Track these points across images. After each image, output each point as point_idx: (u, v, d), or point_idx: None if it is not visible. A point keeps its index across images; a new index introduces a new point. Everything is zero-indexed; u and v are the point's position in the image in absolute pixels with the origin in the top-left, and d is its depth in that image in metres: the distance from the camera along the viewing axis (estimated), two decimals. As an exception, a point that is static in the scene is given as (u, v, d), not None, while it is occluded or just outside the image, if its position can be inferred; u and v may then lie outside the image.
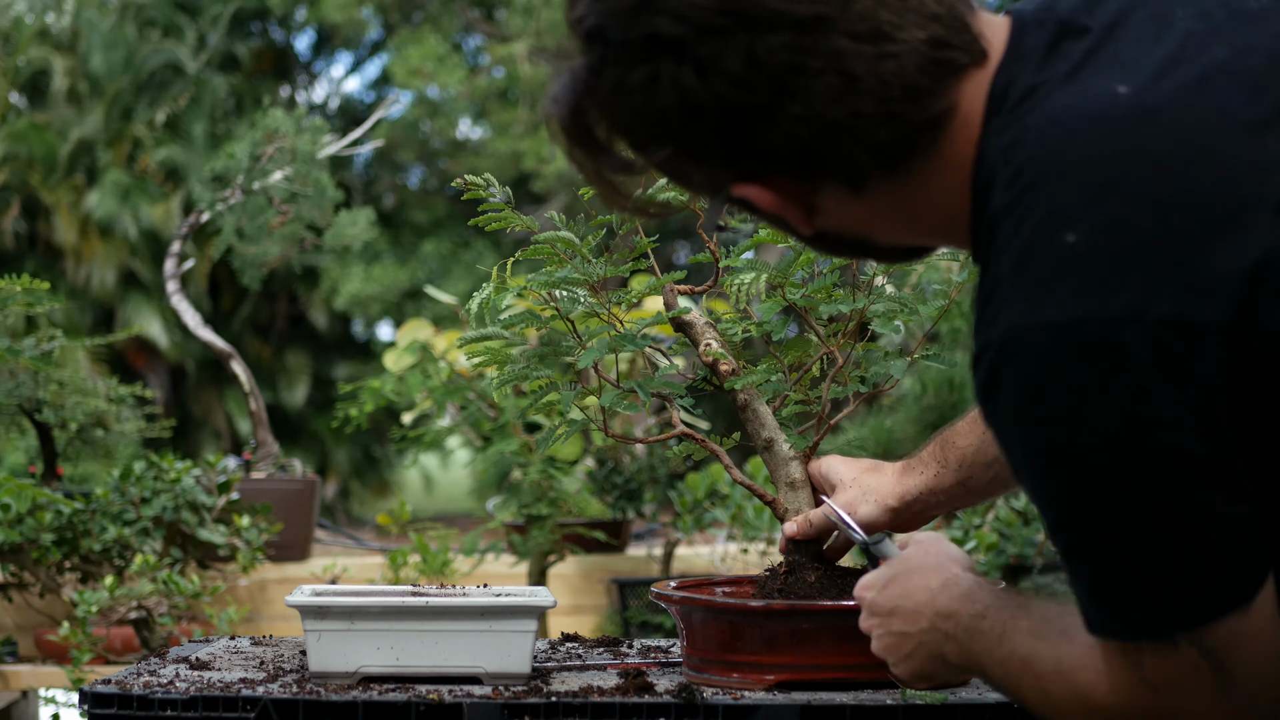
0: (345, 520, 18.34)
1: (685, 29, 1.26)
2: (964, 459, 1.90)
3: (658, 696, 1.79)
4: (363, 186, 20.27)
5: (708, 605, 1.90)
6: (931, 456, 1.91)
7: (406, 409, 5.55)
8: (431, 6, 19.55)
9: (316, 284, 18.80)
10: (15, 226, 18.52)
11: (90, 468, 7.46)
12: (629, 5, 1.28)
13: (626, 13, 1.28)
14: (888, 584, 1.61)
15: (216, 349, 5.27)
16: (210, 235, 6.28)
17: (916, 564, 1.60)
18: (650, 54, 1.28)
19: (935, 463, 1.91)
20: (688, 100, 1.28)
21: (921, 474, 1.92)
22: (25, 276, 3.71)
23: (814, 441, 1.98)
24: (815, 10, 1.26)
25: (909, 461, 1.94)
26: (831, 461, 1.98)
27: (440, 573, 4.87)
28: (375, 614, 1.90)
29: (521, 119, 18.06)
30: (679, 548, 5.54)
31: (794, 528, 1.95)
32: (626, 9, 1.28)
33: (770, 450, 1.98)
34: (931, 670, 1.57)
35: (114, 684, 1.84)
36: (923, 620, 1.55)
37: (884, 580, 1.62)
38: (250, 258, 5.28)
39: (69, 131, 18.33)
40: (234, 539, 4.66)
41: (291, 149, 5.28)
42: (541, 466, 4.94)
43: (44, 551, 4.40)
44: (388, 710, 1.77)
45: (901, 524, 1.94)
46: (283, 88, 21.59)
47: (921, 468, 1.92)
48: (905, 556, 1.64)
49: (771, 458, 1.98)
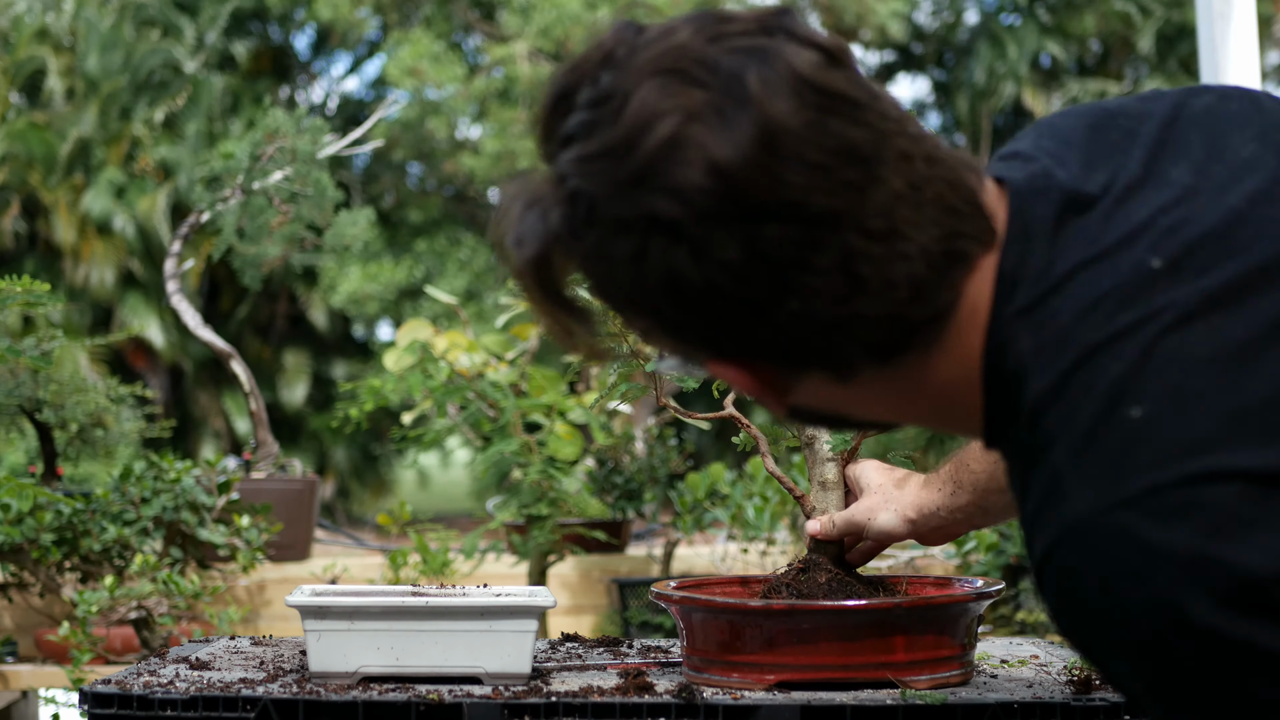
0: (344, 520, 18.34)
1: (685, 212, 1.13)
2: (977, 484, 1.87)
3: (658, 696, 1.79)
4: (362, 186, 20.26)
5: (708, 605, 1.90)
6: (948, 476, 1.90)
7: (405, 409, 5.55)
8: (428, 6, 19.55)
9: (316, 284, 18.80)
10: (15, 226, 18.51)
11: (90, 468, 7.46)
12: (624, 179, 1.14)
13: (620, 187, 1.14)
14: None
15: (216, 349, 5.27)
16: (209, 235, 6.28)
17: None
18: (641, 230, 1.14)
19: (950, 483, 1.89)
20: (676, 282, 1.15)
21: (939, 490, 1.90)
22: (25, 277, 3.71)
23: (853, 445, 1.99)
24: (831, 205, 1.13)
25: (930, 476, 1.94)
26: (866, 467, 1.98)
27: (440, 573, 4.86)
28: (375, 614, 1.90)
29: (520, 118, 18.06)
30: (679, 548, 5.54)
31: (816, 526, 1.96)
32: (621, 183, 1.14)
33: (810, 448, 2.00)
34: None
35: (114, 684, 1.84)
36: None
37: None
38: (250, 258, 5.28)
39: (68, 131, 18.34)
40: (234, 539, 4.66)
41: (291, 149, 5.28)
42: (541, 466, 4.93)
43: (44, 551, 4.40)
44: (388, 710, 1.77)
45: (920, 536, 1.93)
46: (281, 88, 21.59)
47: (939, 484, 1.91)
48: None
49: (810, 455, 2.00)
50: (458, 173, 19.23)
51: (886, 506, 1.92)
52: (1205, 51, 5.55)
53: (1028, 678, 1.93)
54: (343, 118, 20.73)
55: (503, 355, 5.49)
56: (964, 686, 1.86)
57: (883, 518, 1.92)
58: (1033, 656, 2.09)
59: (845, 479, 2.00)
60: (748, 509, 5.29)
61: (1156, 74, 22.32)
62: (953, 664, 1.86)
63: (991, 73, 22.32)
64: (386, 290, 18.00)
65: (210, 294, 19.28)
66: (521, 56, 18.14)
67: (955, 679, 1.86)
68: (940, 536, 1.94)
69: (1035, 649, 2.16)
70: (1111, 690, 1.20)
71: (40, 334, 4.66)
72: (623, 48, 1.18)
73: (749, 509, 5.29)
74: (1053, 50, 22.48)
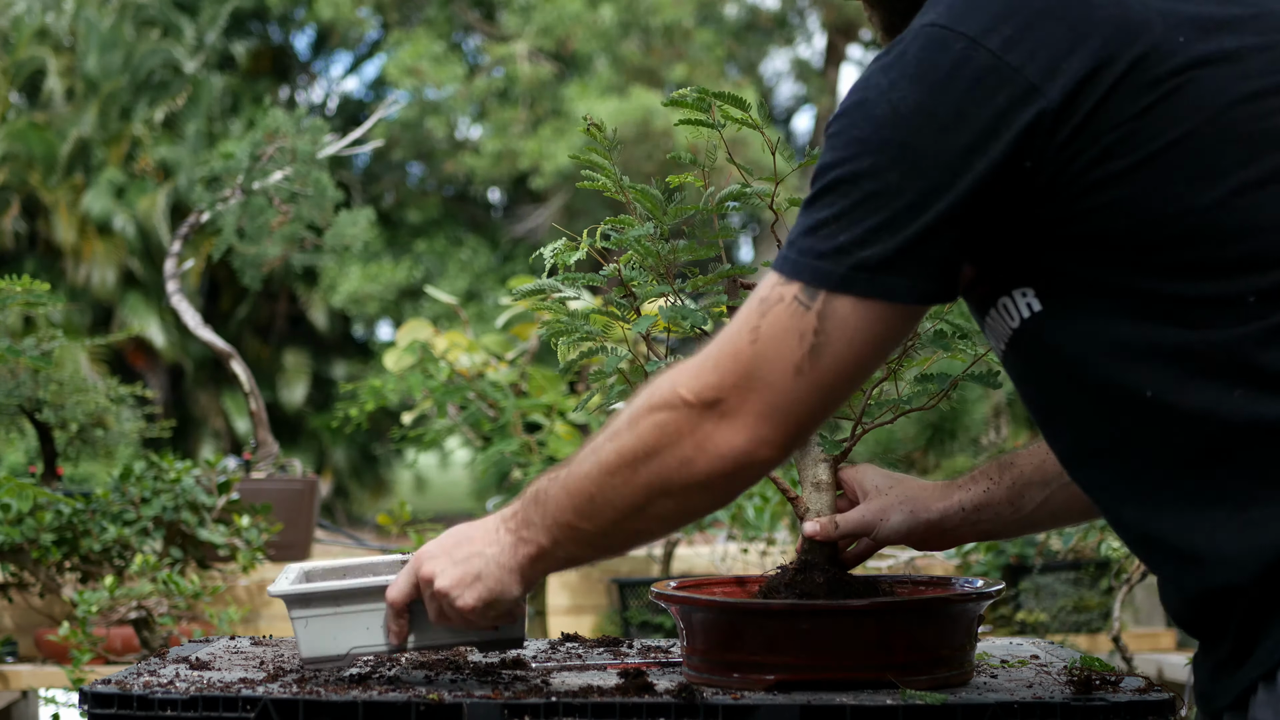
0: (344, 520, 18.34)
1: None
2: (1019, 478, 1.89)
3: (658, 696, 1.79)
4: (362, 186, 20.27)
5: (708, 605, 1.90)
6: (984, 474, 1.91)
7: (405, 409, 5.55)
8: (428, 6, 19.56)
9: (316, 284, 18.81)
10: (15, 226, 18.52)
11: (90, 468, 7.46)
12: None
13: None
14: (438, 541, 1.77)
15: (216, 349, 5.27)
16: (209, 235, 6.28)
17: (453, 530, 1.76)
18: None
19: (986, 479, 1.90)
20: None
21: (969, 490, 1.91)
22: (25, 277, 3.71)
23: (846, 447, 1.98)
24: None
25: (955, 479, 1.94)
26: (865, 470, 1.97)
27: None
28: (360, 596, 1.88)
29: (521, 118, 18.06)
30: (679, 548, 5.54)
31: (815, 528, 1.95)
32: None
33: (802, 448, 1.98)
34: (496, 587, 1.72)
35: (114, 684, 1.84)
36: (483, 532, 1.71)
37: (432, 543, 1.78)
38: (250, 258, 5.28)
39: (68, 131, 18.34)
40: (234, 539, 4.66)
41: (291, 149, 5.28)
42: (541, 466, 4.94)
43: (44, 551, 4.40)
44: (388, 710, 1.77)
45: (929, 539, 1.93)
46: (281, 88, 21.59)
47: (971, 485, 1.91)
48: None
49: (801, 456, 1.98)
50: (458, 173, 19.24)
51: (900, 508, 1.92)
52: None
53: (1028, 678, 1.93)
54: (343, 118, 20.73)
55: (503, 355, 5.49)
56: (964, 686, 1.86)
57: (895, 519, 1.91)
58: (1033, 656, 2.09)
59: (841, 482, 1.98)
60: (748, 509, 5.29)
61: (1156, 74, 22.29)
62: (953, 664, 1.86)
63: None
64: (386, 290, 18.00)
65: (210, 294, 19.29)
66: (521, 56, 18.14)
67: (955, 679, 1.86)
68: (948, 540, 1.93)
69: (1035, 649, 2.16)
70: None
71: (40, 334, 4.66)
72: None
73: (749, 509, 5.29)
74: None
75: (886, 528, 1.92)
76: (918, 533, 1.92)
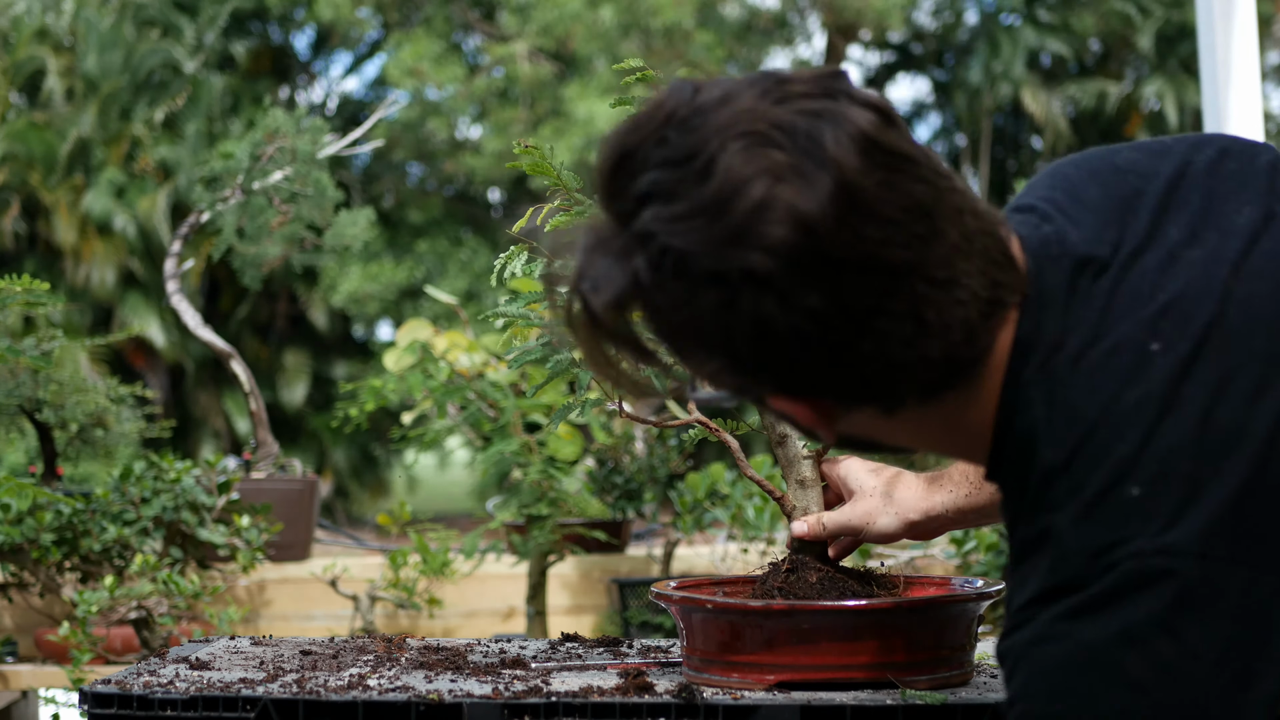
0: (344, 520, 18.34)
1: (775, 265, 1.23)
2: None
3: (658, 696, 1.79)
4: (362, 186, 20.27)
5: (708, 605, 1.90)
6: (963, 477, 1.90)
7: (405, 409, 5.55)
8: (428, 6, 19.56)
9: (316, 284, 18.81)
10: (15, 226, 18.51)
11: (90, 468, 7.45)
12: (718, 237, 1.24)
13: (715, 244, 1.24)
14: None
15: (216, 349, 5.27)
16: (209, 235, 6.28)
17: None
18: (734, 282, 1.24)
19: (966, 483, 1.90)
20: (763, 328, 1.26)
21: (951, 492, 1.90)
22: (25, 277, 3.70)
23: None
24: (905, 257, 1.25)
25: (936, 475, 1.93)
26: (852, 467, 1.97)
27: (440, 573, 4.87)
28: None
29: (520, 118, 18.06)
30: (679, 548, 5.54)
31: (804, 528, 1.94)
32: (715, 241, 1.24)
33: (783, 446, 1.98)
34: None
35: (114, 684, 1.84)
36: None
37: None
38: (250, 258, 5.27)
39: (68, 131, 18.35)
40: (234, 539, 4.66)
41: (291, 149, 5.28)
42: (541, 466, 4.93)
43: (44, 551, 4.40)
44: (388, 710, 1.77)
45: (916, 536, 1.94)
46: (281, 88, 21.58)
47: (951, 486, 1.91)
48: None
49: (783, 454, 1.98)
50: (458, 173, 19.24)
51: (886, 511, 1.92)
52: (1205, 51, 5.54)
53: (1028, 678, 1.92)
54: (343, 118, 20.73)
55: (503, 355, 5.48)
56: (964, 686, 1.86)
57: (882, 522, 1.91)
58: (1033, 656, 2.09)
59: (826, 476, 1.98)
60: (747, 509, 5.29)
61: (1156, 74, 22.31)
62: (953, 664, 1.86)
63: (991, 73, 22.31)
64: (387, 290, 18.00)
65: (210, 294, 19.29)
66: (521, 56, 18.15)
67: (955, 679, 1.86)
68: (934, 534, 1.94)
69: (1035, 649, 2.16)
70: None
71: (40, 334, 4.66)
72: (684, 108, 1.27)
73: (749, 509, 5.28)
74: (1052, 50, 22.47)
75: (874, 530, 1.93)
76: (903, 533, 1.93)
